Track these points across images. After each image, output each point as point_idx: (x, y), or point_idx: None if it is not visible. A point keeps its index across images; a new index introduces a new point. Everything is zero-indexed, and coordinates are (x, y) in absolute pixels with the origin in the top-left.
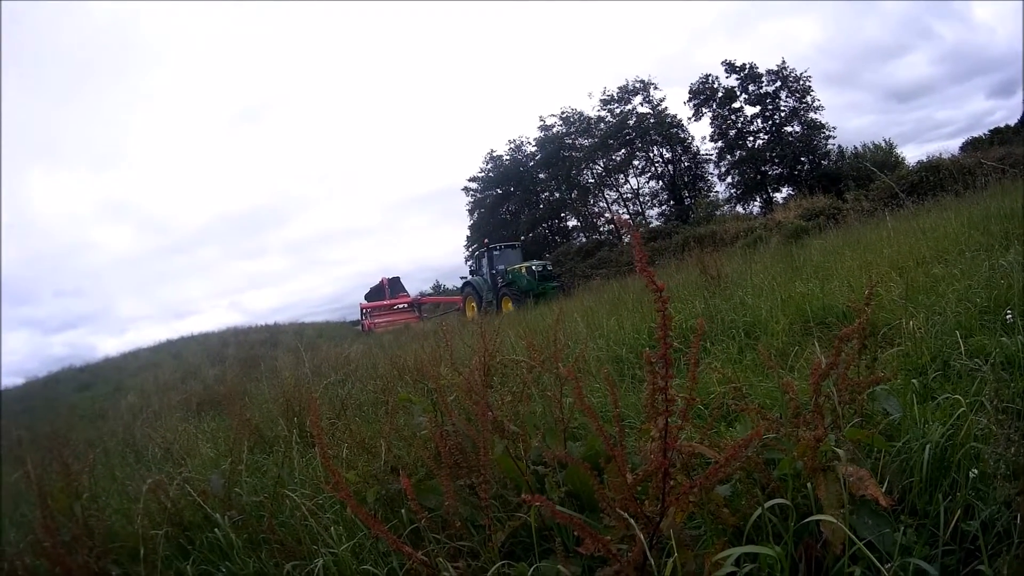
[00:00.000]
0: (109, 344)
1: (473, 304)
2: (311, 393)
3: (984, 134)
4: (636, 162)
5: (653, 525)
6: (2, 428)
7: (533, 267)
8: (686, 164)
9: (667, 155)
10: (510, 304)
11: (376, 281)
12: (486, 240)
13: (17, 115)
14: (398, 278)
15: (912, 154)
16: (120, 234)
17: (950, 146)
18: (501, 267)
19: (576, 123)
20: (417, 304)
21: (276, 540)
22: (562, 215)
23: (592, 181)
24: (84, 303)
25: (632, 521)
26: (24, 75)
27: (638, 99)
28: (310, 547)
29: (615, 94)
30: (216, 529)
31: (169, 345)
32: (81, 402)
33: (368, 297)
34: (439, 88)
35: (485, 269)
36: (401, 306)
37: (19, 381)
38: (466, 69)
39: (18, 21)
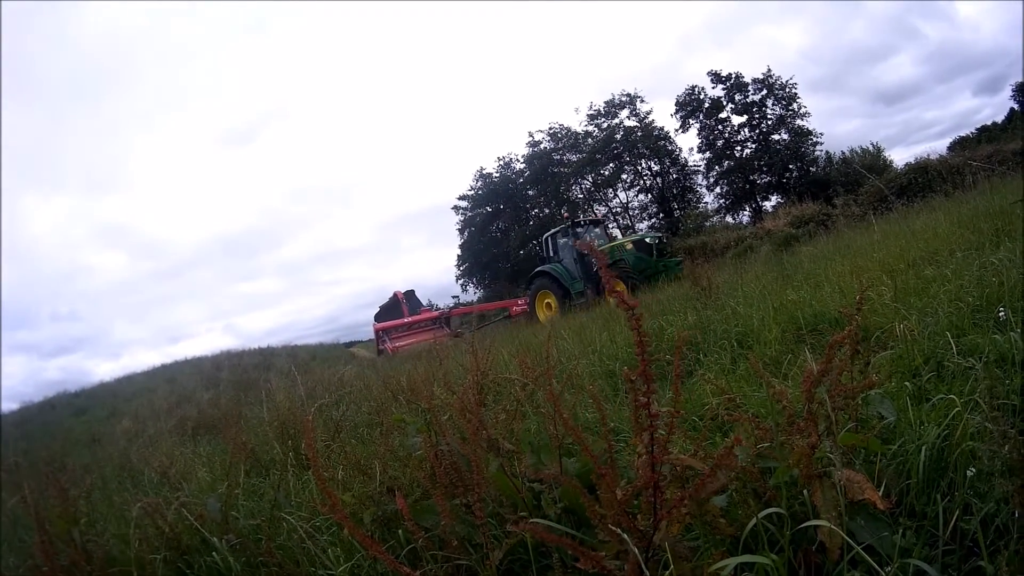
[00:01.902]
0: (104, 369)
1: (550, 300)
2: (306, 416)
3: (971, 133)
4: (625, 176)
5: (647, 539)
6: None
7: (647, 240)
8: (674, 176)
9: (655, 168)
10: (621, 287)
11: (385, 298)
12: (566, 213)
13: (12, 140)
14: (412, 291)
15: (900, 156)
16: (115, 258)
17: (938, 146)
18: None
19: (564, 138)
20: (445, 318)
21: (274, 563)
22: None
23: (581, 196)
24: (80, 327)
25: (625, 536)
26: (19, 99)
27: (625, 113)
28: (308, 569)
29: (602, 108)
30: (214, 553)
31: (163, 370)
32: (77, 427)
33: (380, 316)
34: (428, 106)
35: (567, 252)
36: (424, 322)
37: (15, 406)
38: (454, 86)
39: (12, 46)
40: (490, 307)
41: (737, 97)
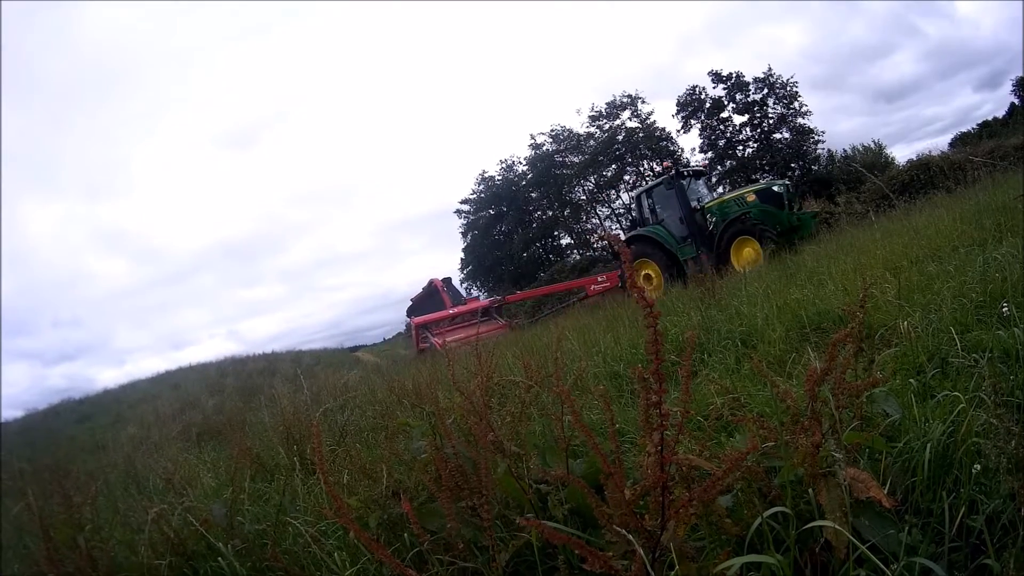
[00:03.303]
0: (107, 375)
1: (650, 271)
2: (312, 420)
3: (973, 128)
4: (627, 177)
5: (654, 539)
6: (3, 460)
7: (775, 188)
8: None
9: (657, 169)
10: (753, 248)
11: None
12: (667, 163)
13: (12, 144)
14: (449, 279)
15: (902, 153)
16: (116, 264)
17: (939, 143)
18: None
19: (566, 140)
20: (496, 307)
21: (280, 568)
22: (555, 233)
23: (584, 198)
24: (82, 334)
25: (631, 537)
26: (18, 105)
27: (626, 114)
28: (314, 573)
29: (603, 110)
30: (220, 558)
31: (167, 376)
32: (81, 434)
33: (415, 310)
34: (429, 109)
35: (669, 210)
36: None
37: (19, 414)
38: (455, 89)
39: (12, 49)
40: (556, 289)
41: (738, 97)
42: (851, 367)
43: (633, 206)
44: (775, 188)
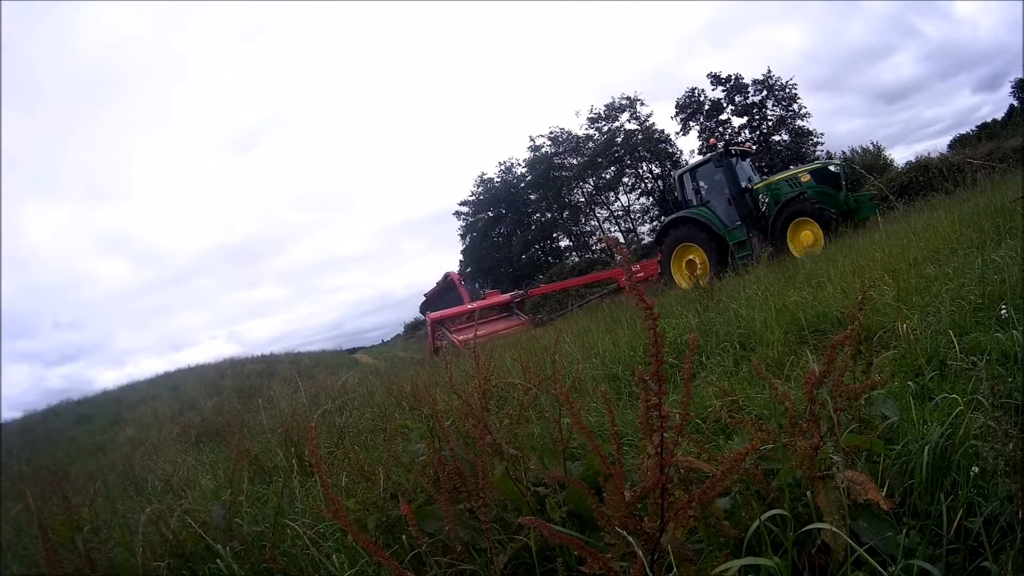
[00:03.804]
0: (107, 377)
1: (694, 257)
2: (309, 422)
3: (972, 130)
4: (626, 179)
5: (653, 541)
6: (3, 461)
7: (831, 168)
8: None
9: (656, 171)
10: (812, 231)
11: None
12: (714, 139)
13: (13, 147)
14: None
15: (901, 155)
16: (116, 266)
17: (939, 144)
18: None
19: (565, 142)
20: (518, 301)
21: (278, 569)
22: (554, 235)
23: (583, 200)
24: (82, 335)
25: (631, 538)
26: (19, 109)
27: (625, 116)
28: (313, 575)
29: (602, 112)
30: (218, 560)
31: (166, 377)
32: (80, 435)
33: (430, 305)
34: (429, 111)
35: (716, 192)
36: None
37: (18, 415)
38: (454, 92)
39: (13, 52)
40: (584, 281)
41: (737, 98)
42: (849, 369)
43: (673, 187)
44: (831, 168)
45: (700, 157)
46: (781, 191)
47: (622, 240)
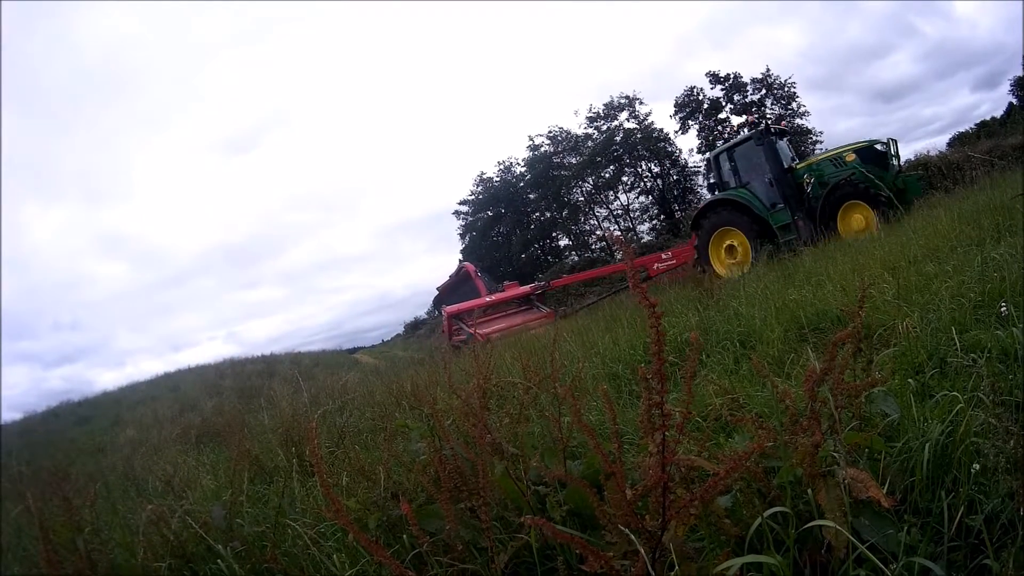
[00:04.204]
0: (107, 378)
1: (735, 242)
2: (310, 422)
3: (971, 128)
4: (625, 178)
5: (655, 540)
6: (3, 463)
7: (877, 147)
8: (675, 177)
9: (655, 169)
10: (864, 214)
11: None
12: (751, 115)
13: (12, 148)
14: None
15: (900, 153)
16: (116, 267)
17: (938, 143)
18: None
19: (564, 141)
20: (540, 293)
21: (279, 570)
22: (553, 234)
23: (582, 199)
24: (82, 336)
25: (633, 536)
26: (18, 110)
27: (624, 115)
28: (313, 575)
29: (601, 111)
30: (219, 560)
31: (166, 378)
32: (80, 436)
33: (445, 298)
34: (428, 111)
35: (755, 172)
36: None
37: (18, 416)
38: (453, 92)
39: (13, 53)
40: (610, 271)
41: (736, 97)
42: (850, 367)
43: (709, 169)
44: (878, 147)
45: (738, 136)
46: (825, 171)
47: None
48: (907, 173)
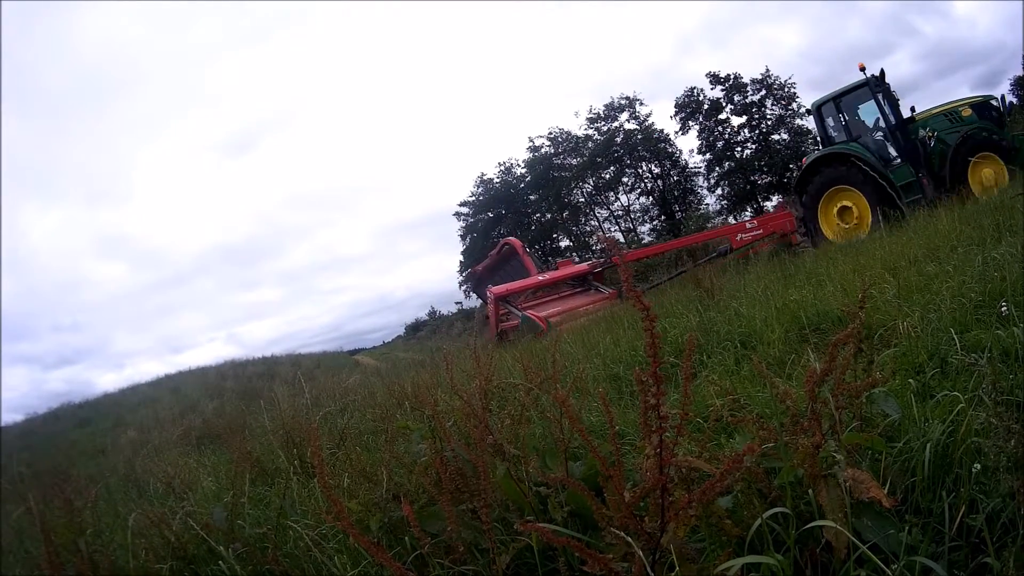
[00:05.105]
0: (107, 379)
1: (851, 202)
2: (311, 424)
3: None
4: (625, 179)
5: (654, 541)
6: (3, 464)
7: (992, 102)
8: (675, 178)
9: (656, 170)
10: (994, 168)
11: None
12: (862, 63)
13: (12, 149)
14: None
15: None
16: (115, 268)
17: None
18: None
19: (564, 143)
20: (599, 271)
21: (281, 571)
22: (554, 235)
23: (582, 200)
24: (82, 338)
25: (631, 539)
26: (18, 110)
27: (624, 116)
28: None
29: (601, 112)
30: (220, 562)
31: (167, 380)
32: (81, 438)
33: (479, 282)
34: (428, 113)
35: (862, 126)
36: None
37: (19, 418)
38: (454, 92)
39: (12, 55)
40: (688, 242)
41: (736, 98)
42: (851, 368)
43: (819, 115)
44: (992, 102)
45: (847, 84)
46: (939, 126)
47: (622, 240)
48: (1019, 134)
